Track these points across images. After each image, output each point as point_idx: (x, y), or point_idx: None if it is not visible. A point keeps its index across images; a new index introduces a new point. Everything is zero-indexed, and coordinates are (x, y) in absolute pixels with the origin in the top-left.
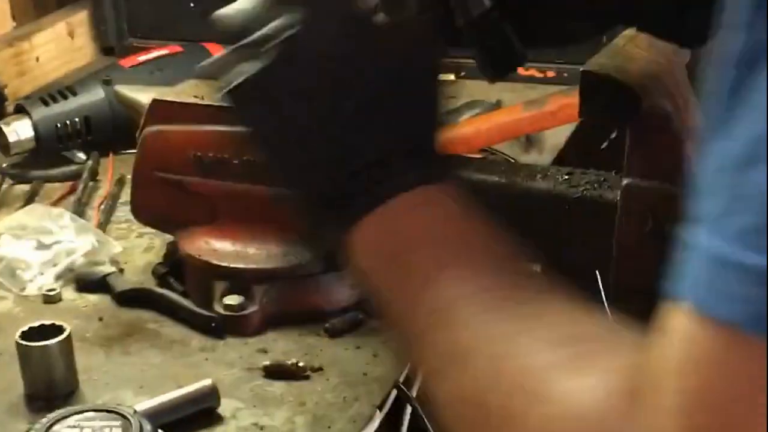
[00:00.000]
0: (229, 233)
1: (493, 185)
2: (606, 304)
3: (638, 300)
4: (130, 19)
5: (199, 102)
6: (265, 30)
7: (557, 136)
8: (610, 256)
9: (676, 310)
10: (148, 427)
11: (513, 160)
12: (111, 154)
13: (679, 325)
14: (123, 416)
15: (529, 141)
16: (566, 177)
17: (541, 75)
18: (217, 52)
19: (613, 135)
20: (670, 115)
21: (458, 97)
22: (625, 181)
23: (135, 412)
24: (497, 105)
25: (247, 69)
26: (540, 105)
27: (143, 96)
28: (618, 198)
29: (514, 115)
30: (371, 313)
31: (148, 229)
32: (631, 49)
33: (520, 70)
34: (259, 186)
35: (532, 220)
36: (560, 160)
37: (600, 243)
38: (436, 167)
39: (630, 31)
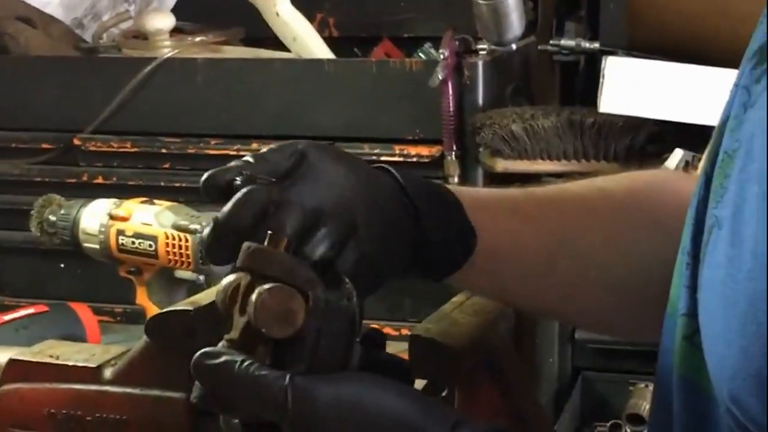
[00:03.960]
0: None
1: None
2: None
3: None
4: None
5: (55, 361)
6: None
7: None
8: None
9: None
10: None
11: None
12: None
13: None
14: None
15: None
16: None
17: (395, 333)
18: (83, 312)
19: (444, 393)
20: (493, 374)
21: None
22: None
23: None
24: None
25: None
26: None
27: (1, 356)
28: None
29: None
30: None
31: None
32: (457, 315)
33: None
34: None
35: None
36: None
37: None
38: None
39: (458, 298)
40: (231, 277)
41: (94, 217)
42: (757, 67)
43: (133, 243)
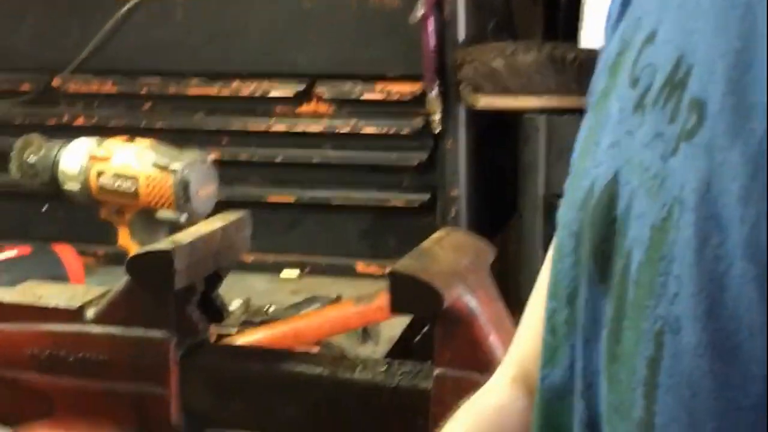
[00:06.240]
0: (66, 427)
1: (315, 377)
2: None
3: None
4: None
5: (36, 302)
6: None
7: (394, 328)
8: None
9: None
10: None
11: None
12: None
13: None
14: None
15: (366, 333)
16: (384, 368)
17: (380, 272)
18: (66, 254)
19: (426, 328)
20: (472, 310)
21: (301, 292)
22: (435, 371)
23: None
24: (337, 299)
25: None
26: (369, 300)
27: None
28: (431, 387)
29: (344, 310)
30: None
31: None
32: (437, 250)
33: (360, 267)
34: (93, 381)
35: (354, 410)
36: (395, 351)
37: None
38: None
39: (438, 234)
40: None
41: (75, 157)
42: None
43: (114, 183)
